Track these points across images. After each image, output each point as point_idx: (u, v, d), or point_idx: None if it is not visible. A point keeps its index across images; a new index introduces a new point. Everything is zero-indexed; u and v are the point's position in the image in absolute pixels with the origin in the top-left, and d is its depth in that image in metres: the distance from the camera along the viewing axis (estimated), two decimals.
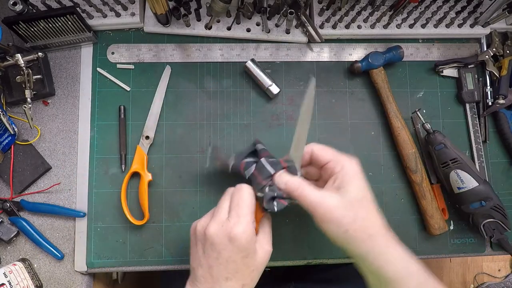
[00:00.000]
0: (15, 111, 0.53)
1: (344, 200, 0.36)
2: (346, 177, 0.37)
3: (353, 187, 0.36)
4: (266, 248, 0.38)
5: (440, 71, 0.56)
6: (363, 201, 0.37)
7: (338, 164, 0.38)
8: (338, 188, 0.37)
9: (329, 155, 0.39)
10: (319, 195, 0.36)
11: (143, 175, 0.50)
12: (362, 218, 0.36)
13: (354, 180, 0.37)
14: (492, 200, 0.49)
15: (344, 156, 0.39)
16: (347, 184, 0.36)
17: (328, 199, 0.36)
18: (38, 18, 0.47)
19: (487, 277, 1.32)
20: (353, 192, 0.36)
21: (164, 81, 0.53)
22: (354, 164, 0.38)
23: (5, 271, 0.45)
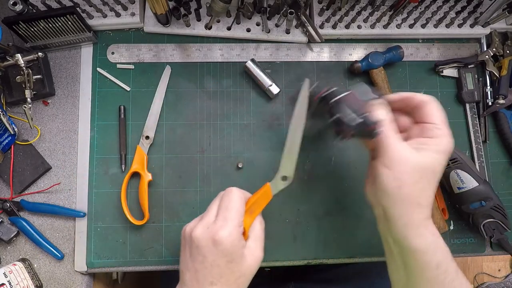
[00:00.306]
0: (15, 111, 0.53)
1: (419, 162, 0.34)
2: (438, 147, 0.35)
3: (437, 157, 0.35)
4: (256, 254, 0.37)
5: (440, 71, 0.56)
6: (433, 175, 0.35)
7: (440, 132, 0.36)
8: (421, 151, 0.35)
9: (440, 119, 0.37)
10: (401, 144, 0.35)
11: (143, 175, 0.50)
12: (422, 187, 0.35)
13: (441, 155, 0.35)
14: (492, 200, 0.49)
15: (448, 130, 0.37)
16: (434, 153, 0.35)
17: (406, 152, 0.35)
18: (38, 18, 0.47)
19: (487, 277, 1.32)
20: (432, 162, 0.35)
21: (164, 81, 0.53)
22: (451, 142, 0.36)
23: (5, 271, 0.45)
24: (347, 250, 0.52)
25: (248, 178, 0.52)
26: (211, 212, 0.37)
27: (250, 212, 0.38)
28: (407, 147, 0.35)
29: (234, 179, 0.52)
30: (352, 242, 0.52)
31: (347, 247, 0.52)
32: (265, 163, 0.53)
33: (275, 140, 0.54)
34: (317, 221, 0.52)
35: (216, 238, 0.34)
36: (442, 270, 0.35)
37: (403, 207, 0.35)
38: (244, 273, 0.36)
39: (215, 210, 0.38)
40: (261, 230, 0.39)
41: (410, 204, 0.35)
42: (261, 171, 0.53)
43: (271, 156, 0.53)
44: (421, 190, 0.35)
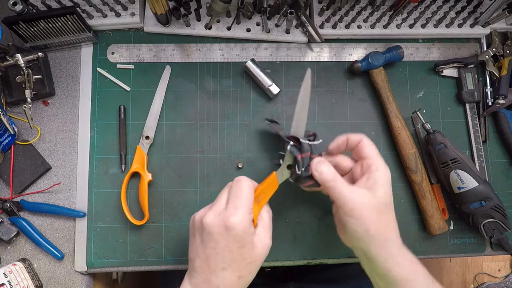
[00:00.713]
0: (15, 111, 0.53)
1: (373, 201, 0.38)
2: (380, 180, 0.39)
3: (383, 191, 0.38)
4: (265, 241, 0.38)
5: (440, 71, 0.56)
6: (388, 207, 0.39)
7: (375, 164, 0.40)
8: (370, 188, 0.38)
9: (373, 152, 0.41)
10: (351, 190, 0.38)
11: (143, 175, 0.50)
12: (385, 222, 0.38)
13: (386, 185, 0.39)
14: (492, 200, 0.49)
15: (382, 160, 0.41)
16: (379, 187, 0.38)
17: (359, 196, 0.38)
18: (38, 18, 0.47)
19: (487, 277, 1.32)
20: (382, 196, 0.38)
21: (164, 81, 0.53)
22: (387, 170, 0.40)
23: (5, 271, 0.45)
24: (347, 250, 0.52)
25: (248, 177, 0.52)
26: (221, 201, 0.38)
27: (258, 201, 0.39)
28: (359, 191, 0.38)
29: (234, 177, 0.52)
30: None
31: (347, 247, 0.52)
32: (265, 163, 0.53)
33: (275, 140, 0.54)
34: (317, 221, 0.52)
35: (228, 224, 0.35)
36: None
37: (377, 245, 0.38)
38: (254, 259, 0.37)
39: (225, 199, 0.38)
40: (269, 218, 0.40)
41: (381, 242, 0.38)
42: (261, 171, 0.53)
43: (271, 156, 0.53)
44: (385, 226, 0.39)
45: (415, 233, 0.53)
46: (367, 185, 0.39)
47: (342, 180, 0.39)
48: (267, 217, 0.40)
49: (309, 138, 0.43)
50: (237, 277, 0.36)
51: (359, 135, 0.42)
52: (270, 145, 0.54)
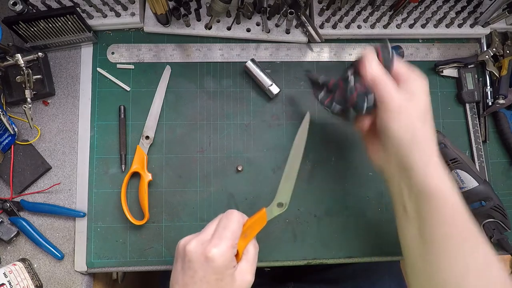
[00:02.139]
0: (15, 111, 0.53)
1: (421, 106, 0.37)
2: (419, 89, 0.37)
3: (422, 99, 0.37)
4: (247, 277, 0.37)
5: (440, 71, 0.56)
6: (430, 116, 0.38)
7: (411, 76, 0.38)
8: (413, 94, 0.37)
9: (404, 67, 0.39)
10: (394, 91, 0.37)
11: (143, 175, 0.50)
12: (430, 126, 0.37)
13: (423, 95, 0.37)
14: (492, 200, 0.49)
15: (419, 72, 0.39)
16: (417, 95, 0.37)
17: (405, 99, 0.37)
18: (38, 18, 0.47)
19: None
20: (421, 103, 0.37)
21: (164, 81, 0.53)
22: (426, 80, 0.38)
23: (5, 271, 0.45)
24: (347, 250, 0.52)
25: (248, 178, 0.52)
26: (208, 231, 0.37)
27: (245, 236, 0.38)
28: (403, 94, 0.37)
29: (234, 179, 0.52)
30: (352, 242, 0.52)
31: (347, 247, 0.52)
32: (265, 163, 0.53)
33: (275, 140, 0.54)
34: (317, 221, 0.52)
35: (209, 255, 0.34)
36: (458, 211, 0.36)
37: (420, 151, 0.36)
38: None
39: (212, 229, 0.38)
40: (254, 253, 0.39)
41: (425, 147, 0.36)
42: (261, 171, 0.53)
43: (271, 156, 0.53)
44: (431, 130, 0.37)
45: None
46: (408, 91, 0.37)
47: (390, 80, 0.38)
48: (253, 252, 0.39)
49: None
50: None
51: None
52: (270, 145, 0.54)
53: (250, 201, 0.52)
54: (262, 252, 0.51)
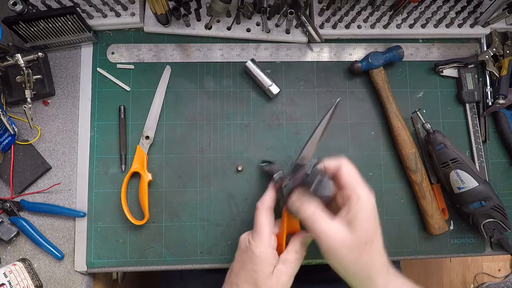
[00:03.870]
0: (15, 111, 0.53)
1: (352, 240, 0.35)
2: (359, 214, 0.35)
3: (363, 226, 0.35)
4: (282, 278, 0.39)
5: (440, 71, 0.56)
6: (369, 244, 0.36)
7: (355, 194, 0.36)
8: (349, 222, 0.36)
9: (352, 180, 0.37)
10: (328, 228, 0.36)
11: (143, 175, 0.50)
12: (365, 261, 0.36)
13: (366, 219, 0.36)
14: (492, 200, 0.49)
15: (363, 188, 0.37)
16: (358, 222, 0.35)
17: (337, 234, 0.35)
18: (38, 18, 0.47)
19: (487, 277, 1.32)
20: (362, 232, 0.35)
21: (164, 81, 0.53)
22: (370, 199, 0.37)
23: (5, 271, 0.45)
24: None
25: (248, 178, 0.52)
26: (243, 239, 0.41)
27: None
28: (337, 229, 0.36)
29: (234, 179, 0.52)
30: None
31: None
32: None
33: (275, 140, 0.54)
34: None
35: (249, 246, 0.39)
36: None
37: (358, 283, 0.37)
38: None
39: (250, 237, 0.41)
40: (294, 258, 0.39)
41: (362, 281, 0.37)
42: (261, 171, 0.53)
43: (271, 156, 0.53)
44: (366, 264, 0.36)
45: (415, 233, 0.53)
46: (347, 219, 0.36)
47: (321, 215, 0.36)
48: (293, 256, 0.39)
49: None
50: None
51: (336, 161, 0.39)
52: (270, 145, 0.54)
53: (250, 201, 0.52)
54: None
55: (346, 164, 0.38)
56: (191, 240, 0.51)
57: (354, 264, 0.36)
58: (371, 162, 0.54)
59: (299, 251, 0.40)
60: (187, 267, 0.51)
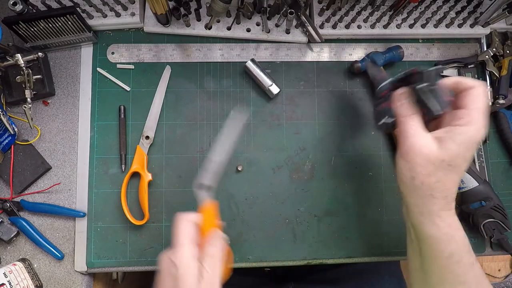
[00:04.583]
0: (15, 111, 0.53)
1: (435, 155, 0.34)
2: (460, 137, 0.33)
3: (456, 149, 0.33)
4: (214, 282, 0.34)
5: (440, 71, 0.56)
6: (452, 167, 0.34)
7: (467, 119, 0.34)
8: (442, 140, 0.34)
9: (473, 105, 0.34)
10: (417, 133, 0.35)
11: (143, 175, 0.50)
12: (437, 179, 0.34)
13: (463, 145, 0.33)
14: (492, 200, 0.49)
15: (481, 117, 0.34)
16: (452, 142, 0.33)
17: (421, 142, 0.34)
18: (38, 18, 0.47)
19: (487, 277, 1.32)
20: (451, 154, 0.34)
21: (164, 81, 0.53)
22: (479, 131, 0.34)
23: (5, 271, 0.45)
24: (347, 250, 0.52)
25: (248, 178, 0.52)
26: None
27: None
28: (425, 138, 0.34)
29: (234, 179, 0.52)
30: (352, 242, 0.52)
31: (347, 247, 0.52)
32: (265, 163, 0.53)
33: (275, 140, 0.54)
34: (317, 221, 0.52)
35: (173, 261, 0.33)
36: (454, 260, 0.36)
37: (417, 197, 0.36)
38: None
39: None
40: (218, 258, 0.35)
41: (423, 195, 0.35)
42: (261, 171, 0.53)
43: (271, 156, 0.53)
44: (435, 183, 0.34)
45: None
46: (442, 136, 0.34)
47: (416, 120, 0.35)
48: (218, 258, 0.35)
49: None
50: None
51: (473, 82, 0.35)
52: (270, 145, 0.54)
53: (250, 201, 0.52)
54: (262, 252, 0.51)
55: (481, 88, 0.35)
56: None
57: (424, 176, 0.34)
58: (371, 162, 0.54)
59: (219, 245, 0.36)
60: None
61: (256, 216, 0.52)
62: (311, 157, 0.53)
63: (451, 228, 0.36)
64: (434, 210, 0.35)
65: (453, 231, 0.36)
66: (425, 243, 0.37)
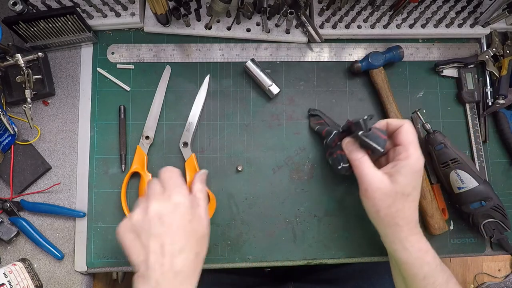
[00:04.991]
0: (15, 111, 0.53)
1: (389, 188, 0.39)
2: (404, 170, 0.39)
3: (404, 180, 0.39)
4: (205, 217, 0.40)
5: (440, 71, 0.56)
6: (405, 196, 0.40)
7: (406, 153, 0.40)
8: (392, 175, 0.40)
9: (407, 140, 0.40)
10: (371, 172, 0.41)
11: (143, 175, 0.50)
12: (397, 209, 0.40)
13: (409, 176, 0.39)
14: (492, 200, 0.48)
15: (416, 149, 0.40)
16: (401, 175, 0.39)
17: (377, 180, 0.40)
18: (38, 18, 0.47)
19: (487, 277, 1.32)
20: (401, 185, 0.39)
21: (164, 81, 0.53)
22: (419, 160, 0.40)
23: (5, 271, 0.45)
24: (347, 250, 0.52)
25: (248, 178, 0.52)
26: (156, 188, 0.39)
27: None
28: (378, 176, 0.40)
29: (234, 179, 0.52)
30: (352, 242, 0.52)
31: (347, 247, 0.52)
32: (265, 163, 0.53)
33: (275, 140, 0.54)
34: (317, 221, 0.52)
35: (175, 201, 0.37)
36: (430, 282, 0.40)
37: (385, 227, 0.42)
38: (203, 233, 0.39)
39: (158, 186, 0.39)
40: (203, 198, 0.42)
41: (389, 225, 0.41)
42: (261, 171, 0.53)
43: (271, 156, 0.53)
44: (396, 212, 0.40)
45: None
46: (391, 171, 0.40)
47: (367, 161, 0.41)
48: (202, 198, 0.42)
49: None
50: (195, 255, 0.37)
51: (401, 121, 0.42)
52: (270, 145, 0.54)
53: (250, 201, 0.52)
54: (262, 252, 0.51)
55: (408, 124, 0.41)
56: None
57: (386, 208, 0.40)
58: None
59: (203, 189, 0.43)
60: None
61: (256, 216, 0.52)
62: (311, 157, 0.53)
63: (421, 252, 0.40)
64: (402, 237, 0.40)
65: (423, 255, 0.40)
66: (402, 268, 0.42)
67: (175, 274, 0.35)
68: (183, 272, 0.35)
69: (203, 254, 0.39)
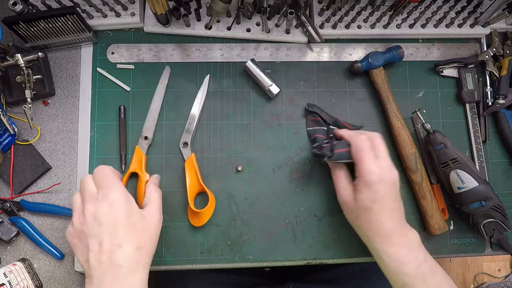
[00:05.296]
0: (15, 111, 0.53)
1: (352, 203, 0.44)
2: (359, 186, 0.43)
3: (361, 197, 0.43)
4: (155, 213, 0.42)
5: (440, 71, 0.56)
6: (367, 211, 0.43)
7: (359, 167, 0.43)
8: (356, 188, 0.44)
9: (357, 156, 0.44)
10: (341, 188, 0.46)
11: (141, 176, 0.50)
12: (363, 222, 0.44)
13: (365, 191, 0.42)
14: (492, 200, 0.48)
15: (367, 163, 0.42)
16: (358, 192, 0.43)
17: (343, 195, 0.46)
18: (38, 18, 0.47)
19: (487, 277, 1.32)
20: (359, 201, 0.43)
21: (164, 81, 0.53)
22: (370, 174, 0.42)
23: (5, 271, 0.45)
24: (347, 250, 0.52)
25: (248, 178, 0.52)
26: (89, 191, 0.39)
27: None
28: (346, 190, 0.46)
29: (234, 179, 0.52)
30: (352, 242, 0.52)
31: (347, 247, 0.52)
32: (265, 163, 0.53)
33: (275, 140, 0.54)
34: (317, 221, 0.52)
35: (110, 200, 0.37)
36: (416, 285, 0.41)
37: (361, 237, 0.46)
38: (146, 228, 0.40)
39: (92, 187, 0.39)
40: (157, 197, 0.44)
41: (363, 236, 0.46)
42: (261, 171, 0.53)
43: (271, 156, 0.53)
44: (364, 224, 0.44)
45: None
46: (357, 184, 0.44)
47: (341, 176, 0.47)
48: (156, 196, 0.44)
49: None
50: (136, 248, 0.37)
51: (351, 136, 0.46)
52: (270, 145, 0.54)
53: (250, 201, 0.52)
54: (262, 252, 0.51)
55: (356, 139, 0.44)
56: (191, 240, 0.51)
57: (355, 220, 0.46)
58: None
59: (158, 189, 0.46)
60: (187, 267, 0.51)
61: (256, 216, 0.52)
62: (311, 157, 0.53)
63: (398, 263, 0.41)
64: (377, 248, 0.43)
65: (401, 266, 0.41)
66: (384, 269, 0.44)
67: (115, 269, 0.35)
68: (123, 266, 0.36)
69: (147, 248, 0.39)
